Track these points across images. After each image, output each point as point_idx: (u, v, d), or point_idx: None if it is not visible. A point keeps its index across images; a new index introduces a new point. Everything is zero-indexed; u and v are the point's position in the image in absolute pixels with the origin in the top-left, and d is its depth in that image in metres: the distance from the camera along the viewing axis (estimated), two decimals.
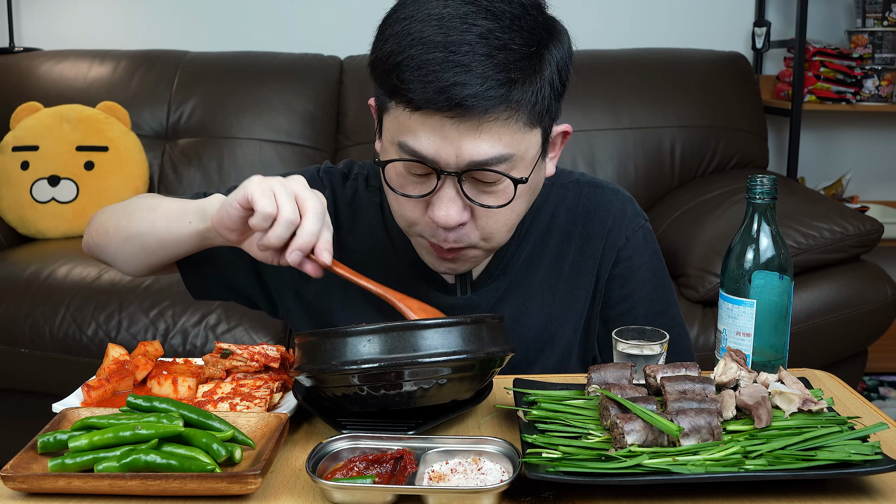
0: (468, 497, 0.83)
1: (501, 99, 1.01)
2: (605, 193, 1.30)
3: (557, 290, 1.27)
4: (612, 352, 1.11)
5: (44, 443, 0.89)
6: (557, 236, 1.28)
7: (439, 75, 1.00)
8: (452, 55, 1.00)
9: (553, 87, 1.07)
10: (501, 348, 0.97)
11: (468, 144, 1.03)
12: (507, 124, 1.04)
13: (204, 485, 0.83)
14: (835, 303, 2.31)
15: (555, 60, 1.07)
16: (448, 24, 1.02)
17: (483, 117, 1.02)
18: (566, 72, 1.10)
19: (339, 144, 3.11)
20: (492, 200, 1.08)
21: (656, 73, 3.08)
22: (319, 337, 0.95)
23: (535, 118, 1.06)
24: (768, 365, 1.08)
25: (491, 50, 1.01)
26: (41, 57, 3.18)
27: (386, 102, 1.08)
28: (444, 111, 1.01)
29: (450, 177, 1.06)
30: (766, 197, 1.07)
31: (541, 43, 1.06)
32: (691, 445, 0.86)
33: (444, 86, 1.00)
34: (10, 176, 2.86)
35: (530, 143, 1.08)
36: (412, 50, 1.02)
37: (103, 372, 1.06)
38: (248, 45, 3.29)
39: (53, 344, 2.30)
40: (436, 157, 1.04)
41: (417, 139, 1.05)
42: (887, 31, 3.32)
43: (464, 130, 1.03)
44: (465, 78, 1.00)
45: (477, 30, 1.01)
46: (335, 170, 1.31)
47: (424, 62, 1.01)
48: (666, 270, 1.34)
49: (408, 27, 1.03)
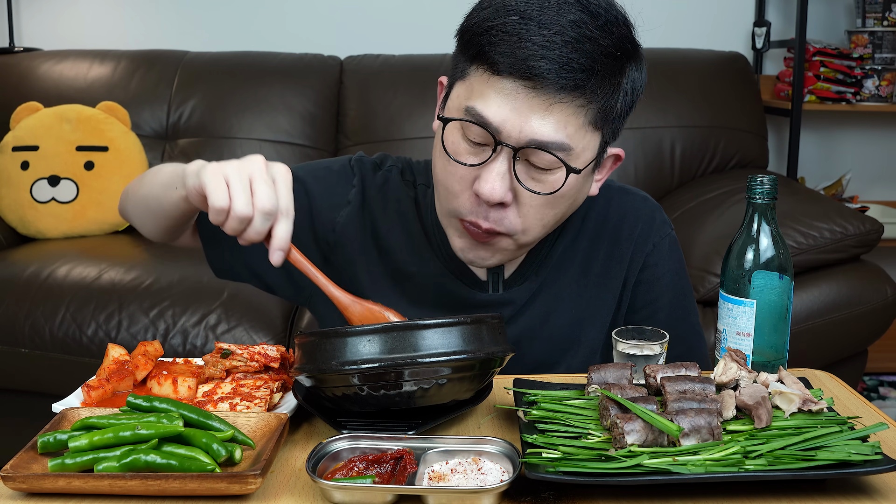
0: (468, 497, 0.83)
1: (578, 83, 1.04)
2: (636, 200, 1.32)
3: (586, 292, 1.28)
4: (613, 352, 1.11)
5: (44, 443, 0.89)
6: (588, 239, 1.29)
7: (527, 45, 1.03)
8: (544, 30, 1.04)
9: (626, 98, 1.10)
10: (501, 348, 0.97)
11: (535, 121, 1.05)
12: (576, 113, 1.06)
13: (204, 485, 0.83)
14: (835, 303, 2.31)
15: (631, 79, 1.10)
16: (545, 5, 1.05)
17: (556, 96, 1.04)
18: (635, 96, 1.13)
19: (339, 144, 3.11)
20: (539, 188, 1.09)
21: (656, 73, 3.04)
22: (319, 337, 0.95)
23: (600, 120, 1.09)
24: (768, 365, 1.08)
25: (580, 37, 1.04)
26: (41, 57, 3.19)
27: (465, 69, 1.10)
28: (522, 80, 1.04)
29: (506, 149, 1.07)
30: (766, 197, 1.07)
31: (626, 54, 1.09)
32: (691, 445, 0.86)
33: (530, 55, 1.03)
34: (10, 176, 2.86)
35: (589, 143, 1.10)
36: (508, 18, 1.05)
37: (103, 372, 1.06)
38: (248, 45, 3.30)
39: (53, 344, 2.30)
40: (501, 125, 1.06)
41: (487, 104, 1.06)
42: (887, 31, 3.32)
43: (535, 105, 1.05)
44: (550, 54, 1.03)
45: (571, 16, 1.05)
46: (367, 159, 1.32)
47: (516, 30, 1.04)
48: (688, 280, 1.35)
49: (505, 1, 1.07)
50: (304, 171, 1.30)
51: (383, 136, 3.02)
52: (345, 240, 1.27)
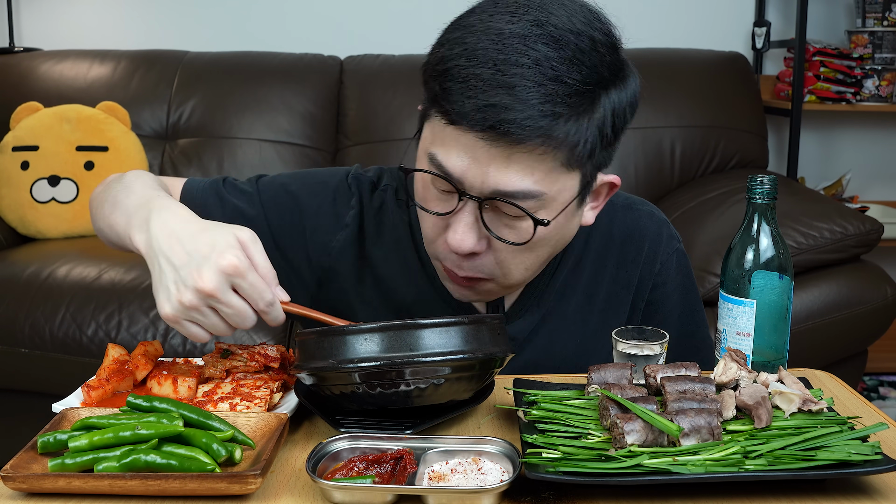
0: (468, 497, 0.83)
1: (541, 132, 0.96)
2: (641, 217, 1.26)
3: (591, 319, 1.23)
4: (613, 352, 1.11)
5: (44, 443, 0.89)
6: (592, 263, 1.23)
7: (480, 93, 0.95)
8: (500, 74, 0.95)
9: (602, 132, 1.01)
10: (501, 349, 0.97)
11: (497, 171, 0.98)
12: (541, 160, 0.98)
13: (204, 485, 0.83)
14: (835, 303, 2.31)
15: (611, 105, 1.01)
16: (506, 42, 0.96)
17: (517, 146, 0.97)
18: (622, 120, 1.04)
19: (339, 144, 3.11)
20: (512, 236, 1.03)
21: (656, 73, 3.08)
22: (319, 335, 0.95)
23: (574, 161, 1.01)
24: (768, 365, 1.08)
25: (542, 78, 0.95)
26: (41, 57, 3.19)
27: (428, 109, 1.04)
28: (477, 130, 0.97)
29: (472, 200, 1.01)
30: (766, 197, 1.07)
31: (600, 83, 1.00)
32: (691, 445, 0.86)
33: (483, 104, 0.95)
34: (10, 176, 2.86)
35: (565, 185, 1.02)
36: (462, 60, 0.97)
37: (103, 372, 1.06)
38: (248, 45, 3.30)
39: (53, 344, 2.30)
40: (462, 177, 1.00)
41: (448, 154, 1.00)
42: (887, 31, 3.32)
43: (494, 155, 0.98)
44: (506, 101, 0.95)
45: (534, 54, 0.96)
46: (364, 178, 1.24)
47: (470, 75, 0.96)
48: (697, 293, 1.30)
49: (465, 36, 0.99)
50: (298, 185, 1.23)
51: (383, 136, 3.02)
52: (340, 266, 1.22)
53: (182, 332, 0.97)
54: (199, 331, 0.97)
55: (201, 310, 0.94)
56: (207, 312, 0.95)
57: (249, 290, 0.95)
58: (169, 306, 0.95)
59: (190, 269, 0.94)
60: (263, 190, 1.23)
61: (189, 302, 0.94)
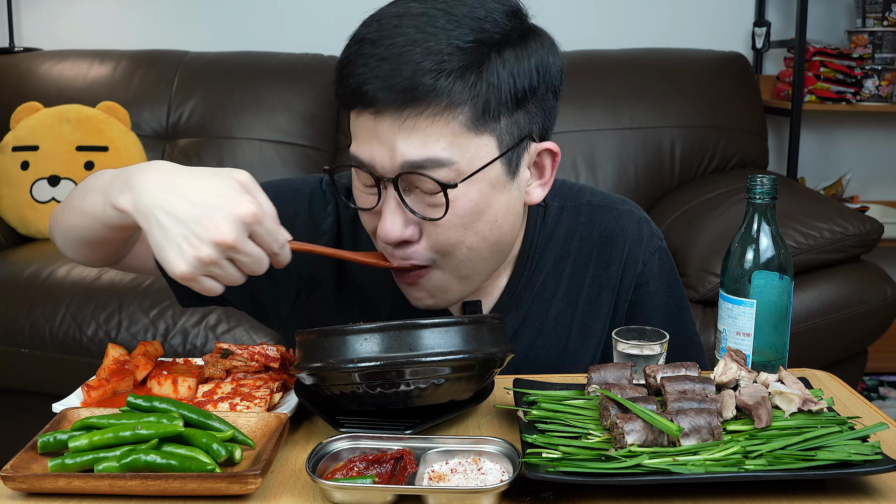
0: (468, 497, 0.83)
1: (426, 91, 0.95)
2: (621, 217, 1.23)
3: (573, 324, 1.21)
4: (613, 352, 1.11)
5: (44, 443, 0.89)
6: (571, 265, 1.21)
7: (365, 67, 0.96)
8: (382, 49, 0.96)
9: (500, 91, 0.99)
10: (501, 349, 0.97)
11: (401, 143, 0.97)
12: (439, 124, 0.97)
13: (204, 485, 0.83)
14: (835, 303, 2.31)
15: (507, 65, 0.99)
16: (390, 21, 0.98)
17: (410, 110, 0.96)
18: (526, 80, 1.01)
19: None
20: (437, 213, 1.01)
21: (656, 73, 3.08)
22: (319, 335, 0.95)
23: (477, 122, 0.98)
24: (768, 365, 1.08)
25: (426, 42, 0.95)
26: (41, 57, 3.19)
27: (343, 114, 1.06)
28: (367, 108, 0.97)
29: (389, 184, 1.00)
30: (766, 197, 1.07)
31: (490, 44, 0.98)
32: (691, 445, 0.86)
33: (369, 77, 0.96)
34: (10, 176, 2.86)
35: (478, 152, 1.00)
36: (351, 49, 0.99)
37: (103, 372, 1.06)
38: (248, 45, 3.30)
39: (53, 344, 2.30)
40: (371, 160, 1.00)
41: (358, 145, 1.01)
42: (887, 31, 3.32)
43: (394, 128, 0.97)
44: (389, 69, 0.95)
45: (420, 25, 0.96)
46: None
47: (356, 57, 0.98)
48: (682, 289, 1.29)
49: (358, 29, 1.01)
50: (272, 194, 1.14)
51: None
52: (320, 276, 1.20)
53: (196, 287, 0.92)
54: (214, 284, 0.92)
55: (220, 263, 0.90)
56: (225, 264, 0.91)
57: (265, 235, 0.92)
58: (185, 264, 0.89)
59: (202, 222, 0.89)
60: None
61: (208, 257, 0.89)
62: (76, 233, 1.09)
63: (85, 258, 1.15)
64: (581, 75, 3.00)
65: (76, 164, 2.87)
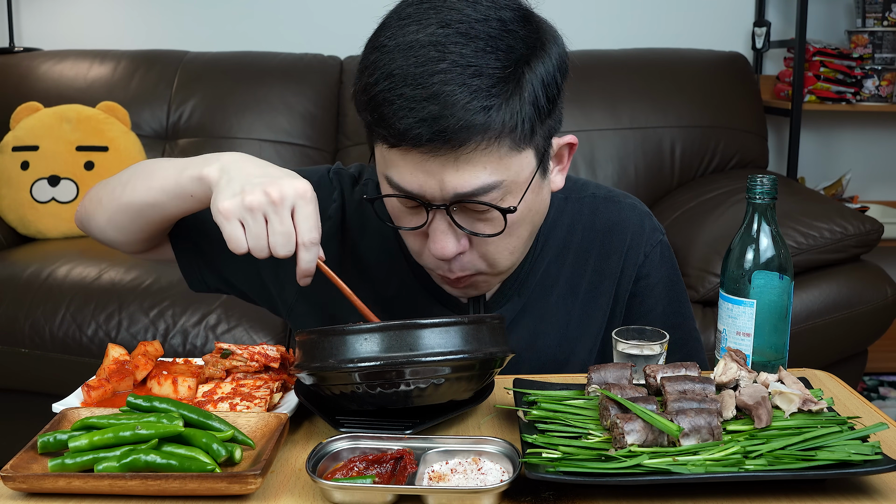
0: (468, 497, 0.83)
1: (478, 129, 0.97)
2: (623, 209, 1.26)
3: (574, 311, 1.24)
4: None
5: (44, 443, 0.89)
6: (574, 254, 1.24)
7: (410, 111, 0.97)
8: (422, 88, 0.97)
9: (537, 106, 1.02)
10: (501, 349, 0.97)
11: (450, 177, 1.00)
12: (487, 153, 1.00)
13: (204, 485, 0.83)
14: (835, 303, 2.31)
15: (538, 78, 1.02)
16: (419, 53, 0.98)
17: (460, 149, 0.98)
18: (554, 85, 1.04)
19: (339, 144, 3.12)
20: (487, 228, 1.05)
21: (656, 73, 3.08)
22: (320, 335, 0.95)
23: (521, 140, 1.02)
24: (768, 365, 1.08)
25: (464, 78, 0.97)
26: (41, 57, 3.19)
27: (370, 135, 1.06)
28: (418, 147, 0.98)
29: (439, 210, 1.03)
30: (766, 197, 1.07)
31: (520, 61, 1.00)
32: (691, 445, 0.86)
33: (416, 121, 0.97)
34: (10, 176, 2.86)
35: (521, 165, 1.04)
36: (384, 84, 0.99)
37: (103, 372, 1.06)
38: (248, 45, 3.30)
39: (53, 344, 2.30)
40: (421, 191, 1.02)
41: (401, 174, 1.02)
42: (887, 31, 3.32)
43: (443, 163, 0.99)
44: (436, 111, 0.96)
45: (450, 57, 0.97)
46: (345, 172, 1.27)
47: (395, 97, 0.98)
48: (682, 284, 1.30)
49: (380, 58, 1.00)
50: None
51: None
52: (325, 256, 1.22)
53: (226, 230, 0.99)
54: (241, 235, 0.99)
55: (256, 214, 0.98)
56: (260, 220, 0.98)
57: (304, 218, 0.99)
58: (230, 201, 0.98)
59: (263, 179, 0.99)
60: None
61: (251, 201, 0.97)
62: (133, 210, 1.15)
63: (126, 238, 1.21)
64: (581, 75, 2.99)
65: (76, 164, 2.87)
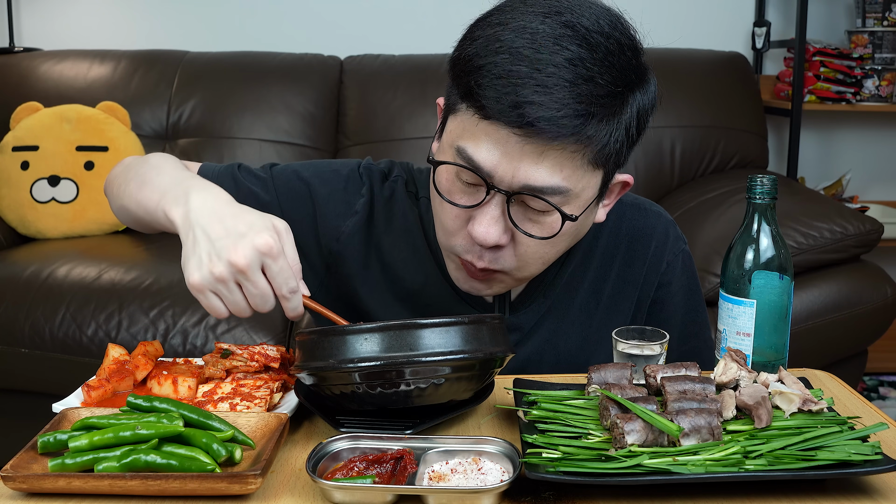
0: (468, 497, 0.83)
1: (574, 130, 0.98)
2: (649, 216, 1.28)
3: (596, 314, 1.25)
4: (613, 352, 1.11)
5: (44, 443, 0.89)
6: (599, 258, 1.25)
7: (518, 89, 0.97)
8: (537, 73, 0.97)
9: (629, 132, 1.04)
10: (501, 349, 0.97)
11: (528, 167, 1.00)
12: (572, 157, 1.01)
13: (204, 485, 0.83)
14: (835, 303, 2.31)
15: (637, 106, 1.05)
16: (540, 41, 0.98)
17: (550, 143, 0.99)
18: (645, 121, 1.08)
19: (339, 144, 3.12)
20: (536, 230, 1.05)
21: (656, 73, 3.07)
22: (320, 335, 0.95)
23: (601, 159, 1.03)
24: (768, 365, 1.08)
25: (577, 78, 0.98)
26: (41, 57, 3.18)
27: (457, 103, 1.04)
28: (513, 127, 0.98)
29: (500, 194, 1.03)
30: (766, 197, 1.07)
31: (628, 85, 1.03)
32: (691, 445, 0.86)
33: (521, 101, 0.97)
34: (10, 176, 2.86)
35: (589, 182, 1.05)
36: (497, 57, 0.99)
37: (103, 372, 1.06)
38: (248, 45, 3.30)
39: (53, 344, 2.30)
40: (493, 170, 1.01)
41: (479, 148, 1.01)
42: (887, 31, 3.32)
43: (528, 151, 0.99)
44: (543, 99, 0.97)
45: (568, 54, 0.98)
46: (375, 168, 1.27)
47: (506, 72, 0.98)
48: (700, 294, 1.32)
49: (498, 33, 1.00)
50: (310, 172, 1.26)
51: (383, 136, 3.02)
52: (348, 251, 1.24)
53: (204, 303, 0.98)
54: (220, 305, 0.98)
55: (228, 284, 0.96)
56: (233, 288, 0.97)
57: (277, 273, 0.97)
58: (199, 275, 0.97)
59: (226, 243, 0.96)
60: (277, 176, 1.25)
61: (219, 273, 0.96)
62: (131, 211, 1.17)
63: (137, 228, 1.22)
64: None
65: (76, 164, 2.87)
